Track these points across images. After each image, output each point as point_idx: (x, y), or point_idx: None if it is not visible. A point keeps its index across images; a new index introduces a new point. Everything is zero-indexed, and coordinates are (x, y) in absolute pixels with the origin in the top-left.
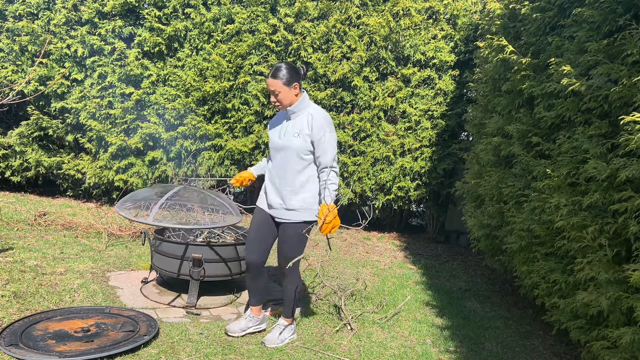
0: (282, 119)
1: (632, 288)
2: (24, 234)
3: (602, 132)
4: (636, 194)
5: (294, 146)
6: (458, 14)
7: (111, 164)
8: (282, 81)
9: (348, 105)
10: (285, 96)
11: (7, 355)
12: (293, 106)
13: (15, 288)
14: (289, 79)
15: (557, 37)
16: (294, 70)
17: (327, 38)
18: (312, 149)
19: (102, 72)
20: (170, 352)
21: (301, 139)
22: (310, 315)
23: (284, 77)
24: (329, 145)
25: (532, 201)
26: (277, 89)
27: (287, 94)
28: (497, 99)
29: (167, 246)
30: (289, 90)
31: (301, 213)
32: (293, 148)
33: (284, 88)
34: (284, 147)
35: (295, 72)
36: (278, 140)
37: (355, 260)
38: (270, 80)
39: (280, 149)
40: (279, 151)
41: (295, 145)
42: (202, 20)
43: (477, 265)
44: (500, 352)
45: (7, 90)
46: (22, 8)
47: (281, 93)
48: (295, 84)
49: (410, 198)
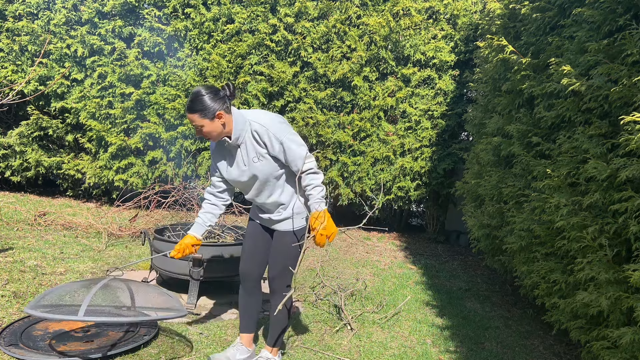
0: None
1: (632, 288)
2: (24, 234)
3: (602, 132)
4: (636, 194)
5: (261, 173)
6: (458, 14)
7: (111, 163)
8: (200, 114)
9: (348, 105)
10: (212, 128)
11: (7, 355)
12: (233, 137)
13: (15, 288)
14: (207, 111)
15: (557, 37)
16: (212, 97)
17: (327, 38)
18: (280, 162)
19: (102, 72)
20: (170, 352)
21: (264, 161)
22: (310, 315)
23: (201, 109)
24: (293, 146)
25: (532, 201)
26: (198, 123)
27: (212, 126)
28: (497, 99)
29: (167, 246)
30: (212, 122)
31: (295, 218)
32: (262, 175)
33: (205, 121)
34: (250, 179)
35: (214, 99)
36: (239, 176)
37: (355, 260)
38: (189, 115)
39: (248, 182)
40: (247, 185)
41: (261, 171)
42: (202, 20)
43: (477, 265)
44: (500, 352)
45: (7, 90)
46: (22, 8)
47: (205, 127)
48: (218, 113)
49: (410, 198)
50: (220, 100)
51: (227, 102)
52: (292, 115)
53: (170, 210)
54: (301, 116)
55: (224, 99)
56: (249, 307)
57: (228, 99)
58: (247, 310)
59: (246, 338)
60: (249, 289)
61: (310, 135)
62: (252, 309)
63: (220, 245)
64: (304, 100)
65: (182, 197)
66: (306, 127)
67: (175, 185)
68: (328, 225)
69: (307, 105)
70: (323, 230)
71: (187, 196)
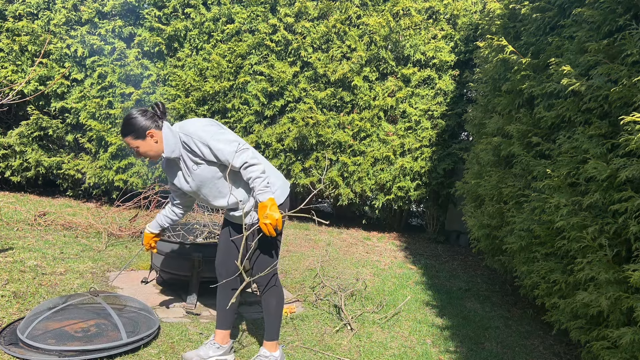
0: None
1: (632, 288)
2: (24, 234)
3: (602, 132)
4: (636, 194)
5: (204, 179)
6: (458, 14)
7: (111, 163)
8: (132, 136)
9: (348, 105)
10: (147, 148)
11: (7, 354)
12: (166, 151)
13: (15, 288)
14: (139, 130)
15: (557, 37)
16: (142, 118)
17: (327, 38)
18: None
19: (102, 72)
20: (170, 352)
21: (202, 166)
22: (310, 315)
23: (133, 130)
24: (221, 145)
25: (532, 201)
26: (133, 144)
27: (147, 146)
28: (497, 99)
29: (167, 246)
30: (145, 141)
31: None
32: (205, 180)
33: (138, 142)
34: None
35: (144, 118)
36: (188, 187)
37: (355, 260)
38: (124, 139)
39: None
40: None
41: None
42: (202, 20)
43: (477, 265)
44: (500, 352)
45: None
46: (22, 8)
47: (140, 147)
48: (149, 132)
49: (410, 198)
50: (150, 119)
51: (158, 121)
52: (292, 115)
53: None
54: (301, 116)
55: (154, 117)
56: (221, 302)
57: (159, 118)
58: (219, 305)
59: (220, 334)
60: (224, 285)
61: (310, 135)
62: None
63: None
64: (304, 100)
65: None
66: (306, 127)
67: None
68: (269, 213)
69: (307, 105)
70: (265, 219)
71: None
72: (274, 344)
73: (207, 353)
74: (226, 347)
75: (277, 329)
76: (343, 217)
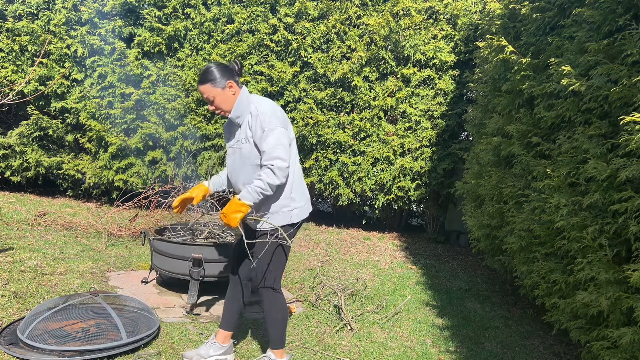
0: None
1: (632, 288)
2: (24, 234)
3: (602, 132)
4: (636, 194)
5: (244, 154)
6: (458, 14)
7: (111, 164)
8: (212, 83)
9: (348, 105)
10: (222, 100)
11: (7, 354)
12: (233, 110)
13: (15, 288)
14: (219, 78)
15: (557, 37)
16: (223, 68)
17: (327, 38)
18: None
19: (102, 72)
20: (170, 352)
21: (248, 145)
22: (310, 315)
23: (213, 78)
24: (272, 139)
25: (532, 201)
26: (210, 94)
27: (222, 96)
28: (497, 99)
29: (167, 246)
30: (223, 91)
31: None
32: (243, 158)
33: (216, 91)
34: (235, 158)
35: (225, 69)
36: (231, 153)
37: (355, 260)
38: (201, 87)
39: (233, 161)
40: (232, 164)
41: (245, 152)
42: (202, 20)
43: (477, 265)
44: (500, 352)
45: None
46: (22, 8)
47: (216, 98)
48: (229, 82)
49: (410, 198)
50: (229, 72)
51: (236, 77)
52: (292, 115)
53: (170, 210)
54: (301, 116)
55: (233, 72)
56: (229, 304)
57: (237, 75)
58: (227, 306)
59: (221, 334)
60: (232, 287)
61: (310, 135)
62: (231, 306)
63: (220, 245)
64: (304, 100)
65: None
66: (306, 127)
67: (175, 185)
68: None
69: (307, 105)
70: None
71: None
72: (279, 352)
73: (208, 352)
74: (227, 347)
75: (279, 338)
76: (343, 217)
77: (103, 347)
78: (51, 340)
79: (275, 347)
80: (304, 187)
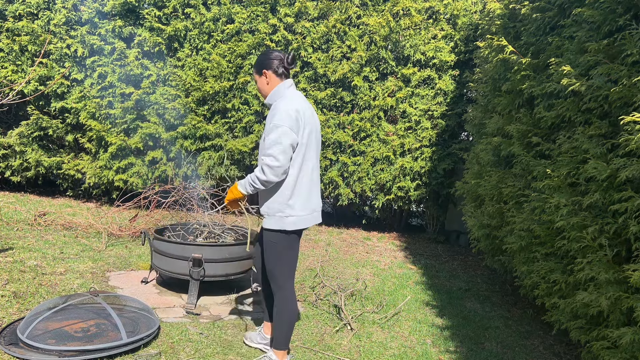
0: None
1: (632, 288)
2: (24, 234)
3: (602, 132)
4: (636, 194)
5: (261, 146)
6: (458, 14)
7: (111, 163)
8: (255, 69)
9: (348, 105)
10: (259, 86)
11: (7, 354)
12: (267, 98)
13: (15, 288)
14: (257, 66)
15: (557, 37)
16: (266, 57)
17: (327, 38)
18: None
19: (102, 72)
20: (170, 352)
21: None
22: (310, 315)
23: (256, 64)
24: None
25: (532, 201)
26: (255, 77)
27: (259, 83)
28: (497, 99)
29: (167, 246)
30: (260, 79)
31: (267, 219)
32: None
33: (256, 77)
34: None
35: (264, 59)
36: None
37: (355, 260)
38: None
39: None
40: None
41: (261, 144)
42: (202, 20)
43: (477, 265)
44: (500, 352)
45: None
46: (22, 8)
47: (257, 82)
48: (264, 72)
49: (410, 198)
50: (267, 62)
51: (279, 68)
52: None
53: (170, 210)
54: None
55: (276, 61)
56: (266, 299)
57: (281, 64)
58: (265, 301)
59: (267, 326)
60: (264, 286)
61: None
62: (267, 301)
63: (220, 245)
64: None
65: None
66: None
67: (175, 185)
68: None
69: None
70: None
71: (187, 196)
72: (281, 353)
73: (256, 339)
74: (268, 339)
75: (282, 339)
76: (343, 217)
77: (103, 347)
78: (51, 340)
79: (277, 347)
80: (312, 197)
